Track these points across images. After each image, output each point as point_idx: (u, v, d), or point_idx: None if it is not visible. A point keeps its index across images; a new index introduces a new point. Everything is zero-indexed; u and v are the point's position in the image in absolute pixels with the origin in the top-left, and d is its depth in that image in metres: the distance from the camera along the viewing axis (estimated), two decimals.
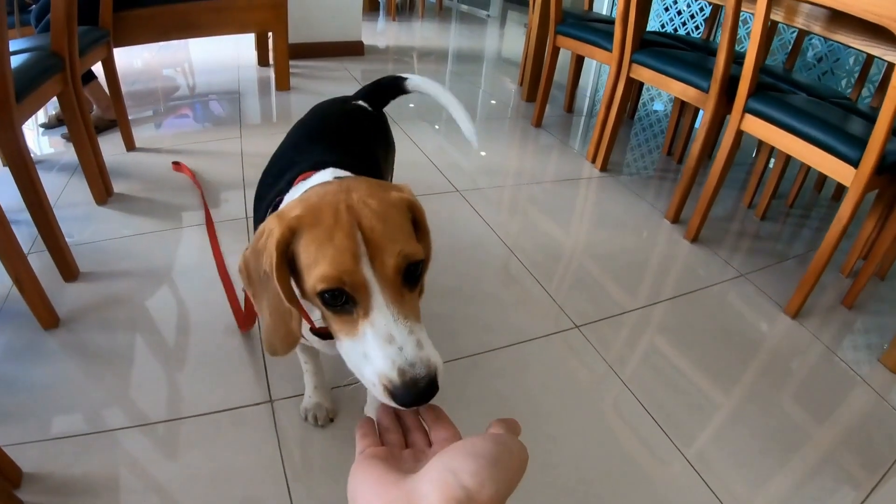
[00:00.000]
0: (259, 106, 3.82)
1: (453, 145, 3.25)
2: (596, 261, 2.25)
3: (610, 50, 2.91)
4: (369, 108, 1.65)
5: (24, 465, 1.31)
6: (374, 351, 0.72)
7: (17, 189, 1.79)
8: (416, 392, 0.70)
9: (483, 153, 3.18)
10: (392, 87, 1.78)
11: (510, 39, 6.61)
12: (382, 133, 1.63)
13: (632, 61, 2.77)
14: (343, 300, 0.74)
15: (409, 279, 0.76)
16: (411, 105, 3.86)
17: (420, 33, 6.55)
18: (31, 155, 1.80)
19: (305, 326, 1.01)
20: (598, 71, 5.13)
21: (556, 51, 3.42)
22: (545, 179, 2.91)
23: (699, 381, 1.72)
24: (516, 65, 5.19)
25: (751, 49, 2.13)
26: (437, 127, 3.51)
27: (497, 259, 2.23)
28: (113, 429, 1.43)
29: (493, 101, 4.14)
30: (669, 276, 2.20)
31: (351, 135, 1.43)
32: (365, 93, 1.75)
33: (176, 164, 2.72)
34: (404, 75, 1.76)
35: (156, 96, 3.94)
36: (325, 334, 1.01)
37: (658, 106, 4.33)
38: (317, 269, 0.74)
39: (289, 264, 0.79)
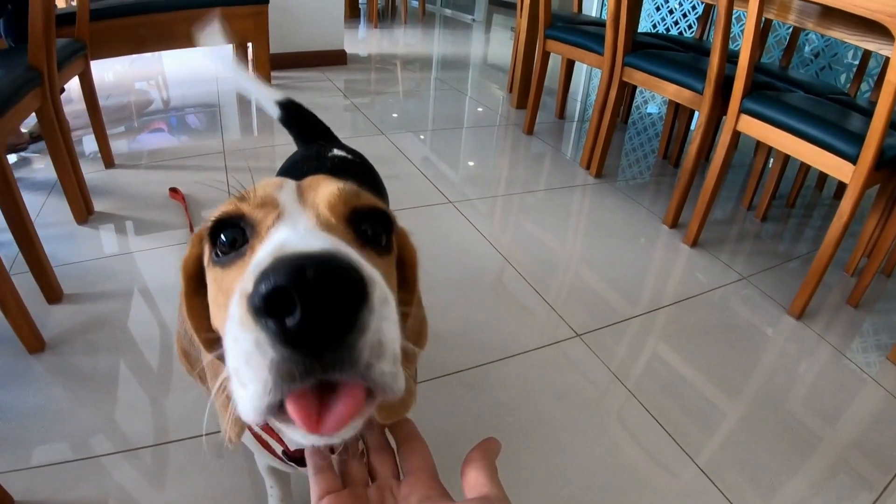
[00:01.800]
0: (241, 119, 3.85)
1: (440, 155, 3.28)
2: (594, 269, 2.30)
3: (601, 53, 2.96)
4: (350, 157, 1.42)
5: (15, 494, 1.33)
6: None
7: None
8: (298, 271, 0.40)
9: (472, 163, 3.22)
10: (298, 114, 1.64)
11: (496, 44, 6.67)
12: (375, 185, 1.41)
13: (624, 64, 2.82)
14: (242, 242, 0.55)
15: (365, 232, 0.56)
16: (394, 115, 3.90)
17: (403, 40, 6.61)
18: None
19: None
20: (589, 75, 5.20)
21: (546, 56, 3.47)
22: (539, 188, 2.96)
23: (706, 388, 1.75)
24: (503, 70, 5.25)
25: (744, 48, 2.18)
26: (422, 137, 3.54)
27: (493, 271, 2.27)
28: (102, 454, 1.45)
29: (479, 109, 4.19)
30: (670, 281, 2.24)
31: None
32: (307, 133, 1.62)
33: (173, 191, 2.71)
34: (278, 97, 1.60)
35: (132, 111, 3.97)
36: (301, 458, 0.77)
37: (652, 109, 4.39)
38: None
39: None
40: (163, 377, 1.71)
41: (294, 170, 1.35)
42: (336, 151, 1.41)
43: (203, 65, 5.06)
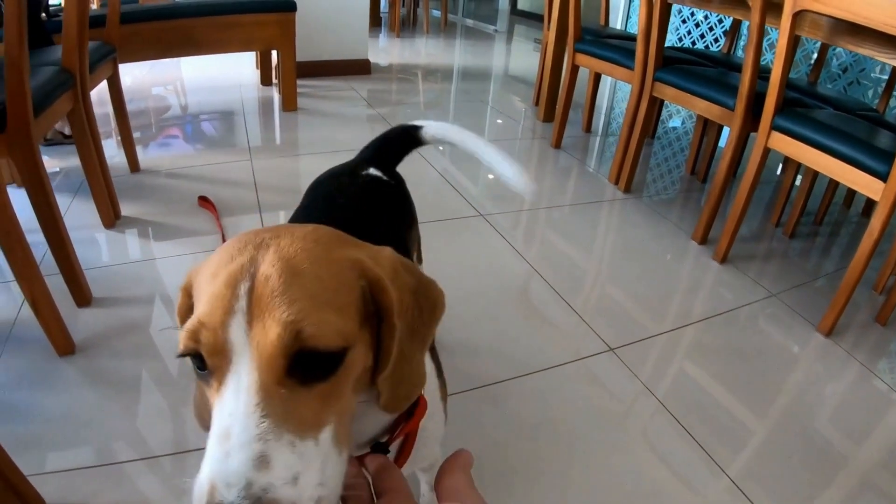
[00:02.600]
0: (266, 127, 3.91)
1: (460, 168, 3.33)
2: (623, 284, 2.32)
3: (631, 68, 3.00)
4: (384, 178, 1.39)
5: (46, 496, 1.35)
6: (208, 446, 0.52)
7: (28, 209, 1.82)
8: None
9: (492, 175, 3.24)
10: (405, 141, 1.54)
11: (519, 56, 6.70)
12: (404, 211, 1.39)
13: (654, 79, 2.85)
14: (206, 367, 0.57)
15: (304, 370, 0.54)
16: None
17: (425, 50, 6.66)
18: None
19: None
20: (614, 88, 5.22)
21: (575, 69, 3.50)
22: (568, 202, 2.99)
23: (733, 404, 1.77)
24: (525, 82, 5.28)
25: (776, 65, 2.21)
26: (440, 148, 3.58)
27: (523, 284, 2.30)
28: (133, 459, 1.48)
29: (499, 121, 4.22)
30: (699, 297, 2.26)
31: (366, 223, 1.21)
32: (374, 152, 1.52)
33: (203, 199, 2.75)
34: (419, 123, 1.52)
35: (155, 116, 4.03)
36: None
37: (675, 123, 4.41)
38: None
39: None
40: (185, 386, 1.73)
41: (327, 184, 1.38)
42: (371, 171, 1.38)
43: (224, 72, 5.12)
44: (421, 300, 0.65)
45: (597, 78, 3.97)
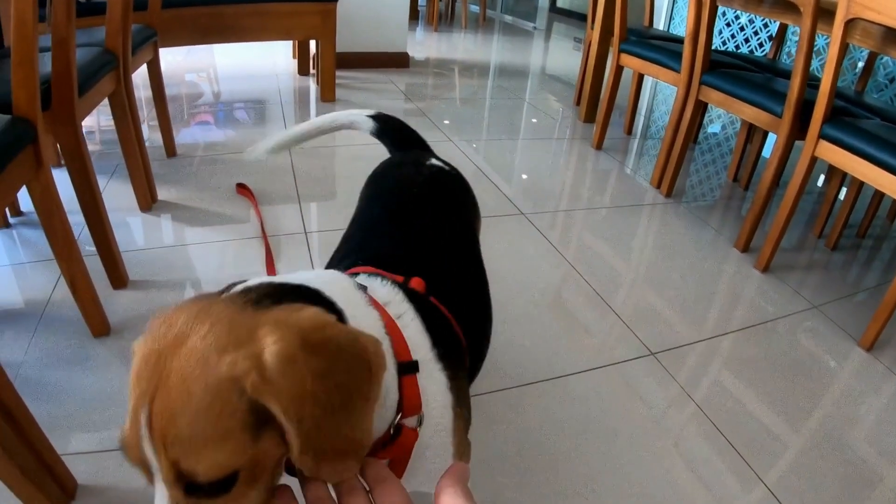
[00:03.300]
0: (304, 116, 3.91)
1: (494, 167, 3.31)
2: (664, 289, 2.30)
3: (678, 70, 2.97)
4: (446, 168, 1.39)
5: (78, 476, 1.36)
6: None
7: (67, 189, 1.81)
8: None
9: (525, 175, 3.24)
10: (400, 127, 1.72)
11: (557, 54, 6.66)
12: (469, 201, 1.39)
13: (701, 83, 2.82)
14: None
15: (205, 488, 0.58)
16: (450, 121, 3.94)
17: (462, 45, 6.65)
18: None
19: None
20: (654, 91, 5.18)
21: (619, 70, 3.48)
22: (609, 204, 2.96)
23: (771, 415, 1.74)
24: (563, 82, 5.25)
25: (826, 73, 2.18)
26: (474, 145, 3.57)
27: (562, 284, 2.29)
28: None
29: (534, 120, 4.20)
30: (739, 306, 2.23)
31: (442, 214, 1.22)
32: (420, 143, 1.66)
33: (241, 186, 2.76)
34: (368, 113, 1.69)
35: (190, 102, 4.06)
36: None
37: (715, 128, 4.36)
38: None
39: None
40: None
41: (390, 175, 1.35)
42: (433, 161, 1.38)
43: (258, 61, 5.14)
44: (339, 376, 0.61)
45: (640, 80, 3.94)
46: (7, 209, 2.38)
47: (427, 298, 0.89)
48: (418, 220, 1.15)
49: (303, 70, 4.86)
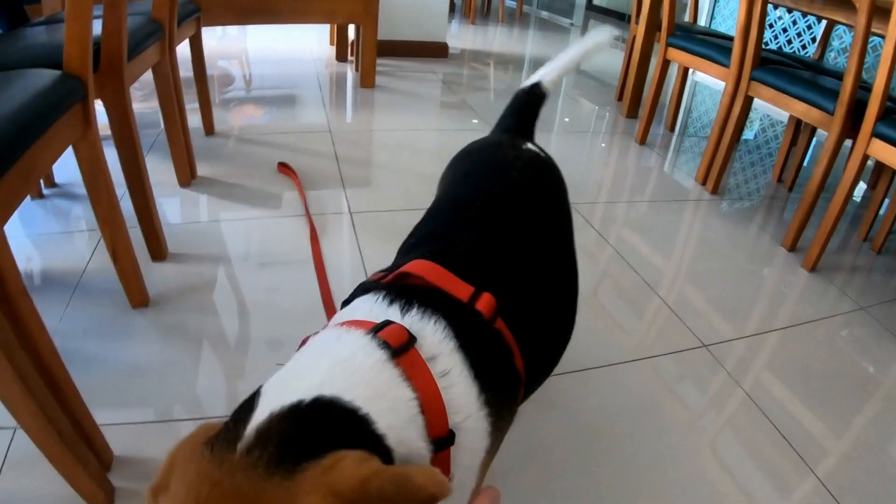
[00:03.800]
0: (344, 101, 3.89)
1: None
2: (709, 283, 2.25)
3: (727, 66, 2.90)
4: (542, 154, 1.23)
5: (114, 448, 1.33)
6: None
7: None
8: None
9: (575, 167, 3.19)
10: (535, 105, 1.44)
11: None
12: (565, 191, 1.23)
13: (751, 79, 2.75)
14: None
15: None
16: (486, 111, 3.87)
17: (497, 38, 6.60)
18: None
19: None
20: (693, 90, 5.10)
21: (666, 64, 3.43)
22: (654, 198, 2.92)
23: (820, 411, 1.69)
24: (600, 78, 5.18)
25: (881, 71, 2.12)
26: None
27: (609, 274, 2.25)
28: (204, 417, 1.44)
29: (572, 115, 4.15)
30: (785, 305, 2.18)
31: (542, 202, 1.09)
32: (517, 124, 1.40)
33: (283, 165, 2.73)
34: (534, 79, 1.44)
35: (227, 84, 4.05)
36: None
37: (748, 135, 4.28)
38: None
39: None
40: (273, 344, 1.71)
41: (486, 154, 1.21)
42: (530, 146, 1.23)
43: (293, 46, 5.13)
44: None
45: (684, 77, 3.87)
46: (41, 180, 2.36)
47: (490, 326, 0.78)
48: (510, 212, 0.99)
49: (340, 56, 4.84)
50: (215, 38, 5.19)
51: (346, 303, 0.82)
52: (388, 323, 0.70)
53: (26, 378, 0.99)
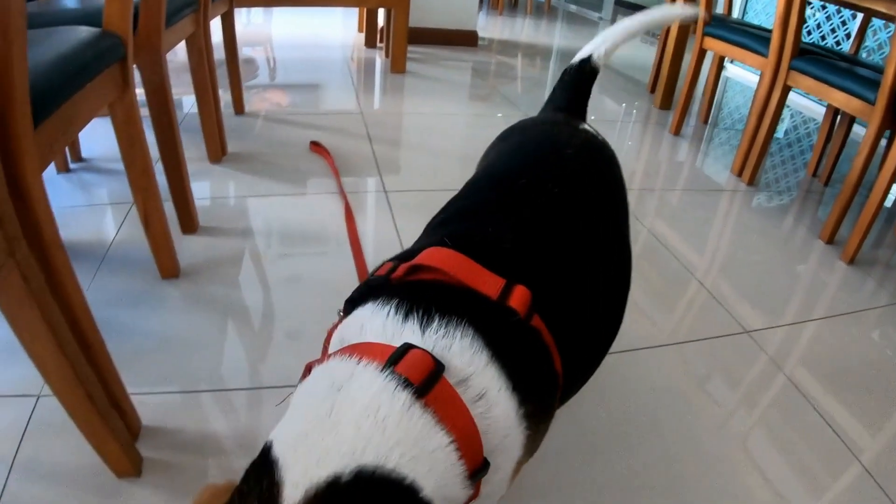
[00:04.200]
0: (374, 85, 3.89)
1: None
2: (748, 271, 2.21)
3: (765, 55, 2.85)
4: (598, 136, 1.15)
5: (143, 417, 1.31)
6: None
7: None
8: None
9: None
10: (588, 81, 1.32)
11: (623, 46, 6.54)
12: (621, 179, 1.14)
13: (790, 68, 2.70)
14: None
15: None
16: (518, 98, 3.85)
17: (525, 30, 6.57)
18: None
19: None
20: (725, 84, 5.05)
21: (702, 53, 3.39)
22: (689, 187, 2.88)
23: (853, 408, 1.64)
24: (631, 71, 5.13)
25: None
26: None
27: (651, 258, 2.21)
28: (230, 389, 1.43)
29: (597, 109, 4.10)
30: (823, 297, 2.13)
31: (598, 187, 1.00)
32: (570, 103, 1.29)
33: (315, 144, 2.72)
34: (586, 53, 1.30)
35: (255, 68, 4.04)
36: None
37: (780, 132, 4.22)
38: None
39: None
40: (298, 322, 1.68)
41: (539, 130, 1.13)
42: (585, 126, 1.15)
43: (319, 32, 5.13)
44: None
45: (719, 68, 3.81)
46: (68, 154, 2.35)
47: (526, 325, 0.69)
48: (558, 193, 0.90)
49: (370, 43, 4.82)
50: (240, 25, 5.19)
51: (350, 302, 0.74)
52: (406, 349, 0.60)
53: (58, 334, 0.96)
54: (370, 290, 0.71)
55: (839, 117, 3.13)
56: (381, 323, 0.65)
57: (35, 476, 1.18)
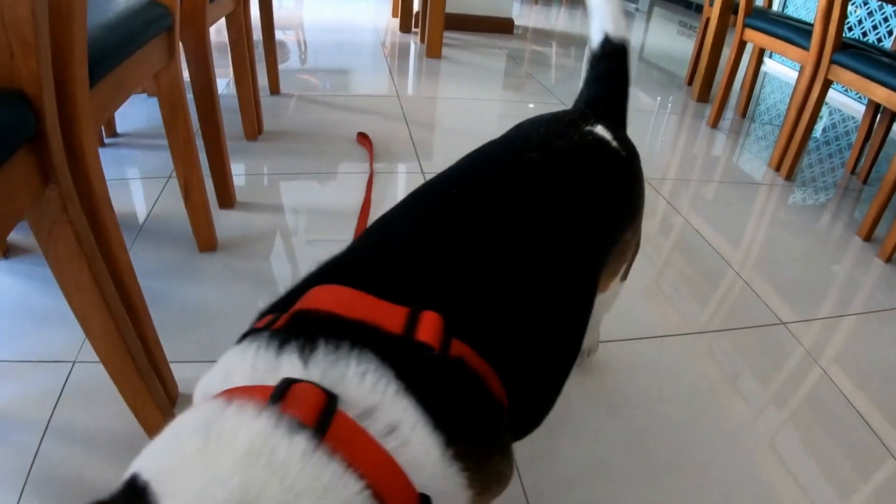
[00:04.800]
0: (410, 70, 3.90)
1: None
2: (783, 265, 2.19)
3: (806, 48, 2.83)
4: (613, 143, 0.98)
5: (179, 385, 1.34)
6: None
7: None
8: None
9: (645, 145, 3.15)
10: (624, 70, 1.14)
11: (659, 36, 6.48)
12: (628, 200, 0.99)
13: (832, 62, 2.68)
14: None
15: None
16: (555, 85, 3.84)
17: (560, 19, 6.54)
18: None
19: None
20: (764, 78, 5.01)
21: (742, 45, 3.36)
22: (726, 180, 2.86)
23: (877, 417, 1.64)
24: (667, 62, 5.10)
25: None
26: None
27: (685, 247, 2.21)
28: None
29: (632, 100, 4.09)
30: (859, 293, 2.12)
31: (558, 203, 0.83)
32: (600, 101, 1.11)
33: (361, 135, 2.69)
34: (598, 36, 1.14)
35: (291, 50, 4.07)
36: None
37: (817, 130, 4.19)
38: None
39: None
40: None
41: (529, 128, 0.99)
42: (599, 129, 0.98)
43: (352, 16, 5.14)
44: None
45: (758, 61, 3.79)
46: (102, 129, 2.38)
47: (442, 357, 0.57)
48: (498, 203, 0.78)
49: (404, 28, 4.83)
50: (273, 8, 5.22)
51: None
52: (287, 385, 0.48)
53: (105, 293, 0.98)
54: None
55: (879, 115, 3.10)
56: (249, 362, 0.53)
57: (68, 440, 1.20)
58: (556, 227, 0.79)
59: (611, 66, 1.12)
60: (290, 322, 0.57)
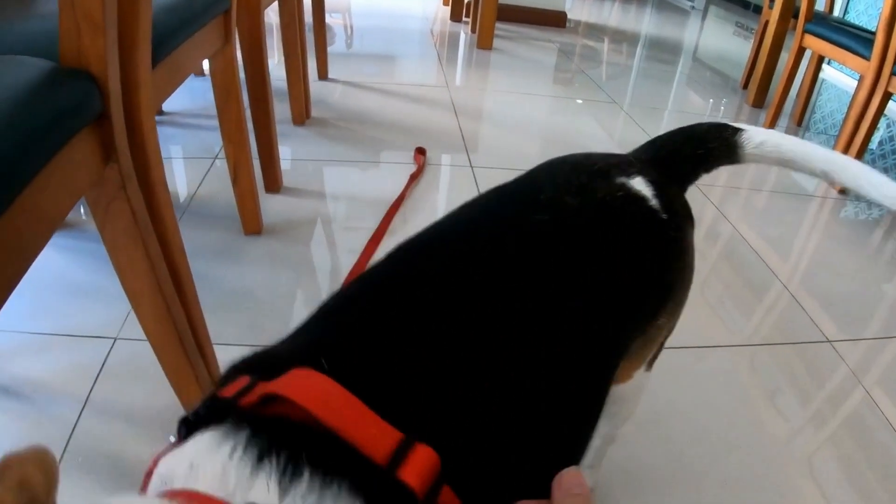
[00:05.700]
0: (460, 60, 3.92)
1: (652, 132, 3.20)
2: (834, 279, 2.18)
3: (867, 57, 2.80)
4: (653, 203, 0.75)
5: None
6: None
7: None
8: None
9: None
10: (712, 149, 0.90)
11: (715, 37, 6.42)
12: (667, 277, 0.79)
13: (893, 73, 2.65)
14: None
15: None
16: (606, 82, 3.84)
17: (613, 14, 6.53)
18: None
19: None
20: (821, 85, 4.96)
21: (801, 51, 3.34)
22: (777, 189, 2.85)
23: None
24: (722, 63, 5.06)
25: None
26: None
27: (732, 256, 2.21)
28: None
29: (684, 102, 4.06)
30: None
31: (560, 274, 0.64)
32: (656, 153, 0.91)
33: (419, 150, 2.50)
34: (738, 125, 0.90)
35: (337, 36, 4.11)
36: None
37: (873, 143, 4.14)
38: None
39: None
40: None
41: (553, 169, 0.80)
42: (637, 183, 0.77)
43: (407, 5, 5.16)
44: None
45: (817, 69, 3.75)
46: None
47: None
48: (497, 293, 0.60)
49: (455, 16, 4.85)
50: None
51: (185, 423, 0.45)
52: None
53: (157, 271, 1.00)
54: (212, 412, 0.45)
55: None
56: (220, 467, 0.41)
57: (108, 415, 1.24)
58: (554, 331, 0.61)
59: (717, 150, 0.91)
60: (261, 404, 0.45)
